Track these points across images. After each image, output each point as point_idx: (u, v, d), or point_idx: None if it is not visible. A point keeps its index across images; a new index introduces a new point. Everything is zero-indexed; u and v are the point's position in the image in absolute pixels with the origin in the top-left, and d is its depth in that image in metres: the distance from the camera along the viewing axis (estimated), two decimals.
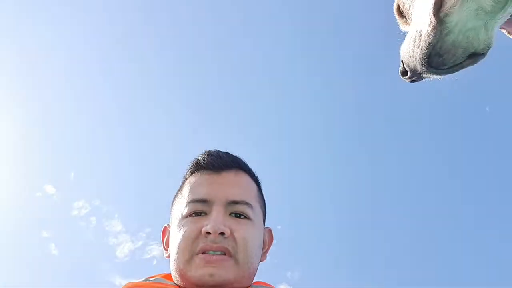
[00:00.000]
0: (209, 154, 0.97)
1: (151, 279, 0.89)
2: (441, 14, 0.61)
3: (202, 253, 0.82)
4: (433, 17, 0.61)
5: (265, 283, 0.91)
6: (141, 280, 0.88)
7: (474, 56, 0.62)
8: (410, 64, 0.65)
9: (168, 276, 0.89)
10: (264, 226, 0.96)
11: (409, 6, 0.71)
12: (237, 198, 0.89)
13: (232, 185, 0.91)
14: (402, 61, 0.68)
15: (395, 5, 0.77)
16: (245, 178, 0.95)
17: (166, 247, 0.96)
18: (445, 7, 0.61)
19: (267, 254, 0.97)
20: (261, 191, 0.98)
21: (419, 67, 0.64)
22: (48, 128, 6.84)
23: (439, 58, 0.62)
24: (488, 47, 0.62)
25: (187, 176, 0.97)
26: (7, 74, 6.32)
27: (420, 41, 0.63)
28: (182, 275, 0.84)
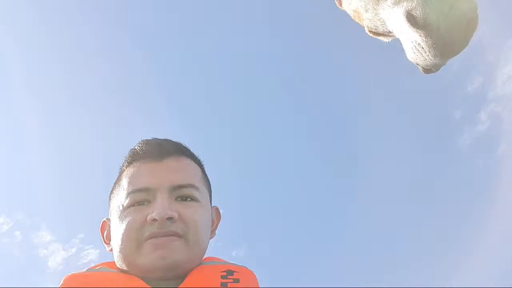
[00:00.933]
0: (147, 143, 0.94)
1: (94, 269, 0.85)
2: (420, 22, 0.67)
3: (150, 238, 0.80)
4: (417, 30, 0.67)
5: (215, 258, 0.91)
6: (83, 270, 0.84)
7: (472, 22, 0.67)
8: (430, 65, 0.72)
9: (112, 264, 0.86)
10: (211, 205, 0.96)
11: (383, 27, 0.78)
12: (182, 182, 0.87)
13: (175, 170, 0.89)
14: (418, 65, 0.74)
15: (367, 31, 0.84)
16: (188, 162, 0.94)
17: (107, 241, 0.92)
18: (417, 15, 0.67)
19: (216, 231, 0.97)
20: (205, 173, 0.98)
21: (439, 62, 0.71)
22: None
23: (451, 46, 0.68)
24: (475, 9, 0.67)
25: (124, 168, 0.94)
26: None
27: (423, 48, 0.69)
28: (130, 263, 0.82)
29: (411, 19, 0.68)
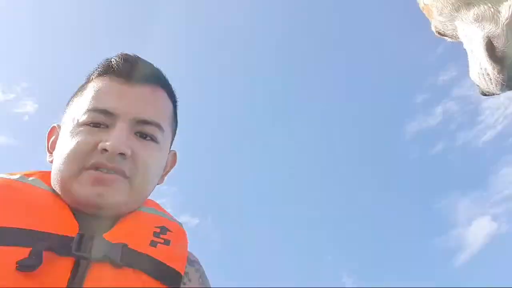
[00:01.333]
0: (125, 59, 0.83)
1: (28, 178, 0.77)
2: (498, 54, 0.65)
3: (94, 169, 0.73)
4: (493, 64, 0.66)
5: (154, 203, 0.87)
6: (16, 176, 0.77)
7: None
8: (490, 93, 0.73)
9: (47, 178, 0.79)
10: (170, 149, 0.89)
11: (453, 31, 0.77)
12: (148, 118, 0.79)
13: (145, 102, 0.80)
14: (478, 86, 0.75)
15: (433, 29, 0.83)
16: (162, 96, 0.84)
17: (50, 149, 0.84)
18: (498, 45, 0.65)
19: (165, 177, 0.91)
20: (176, 112, 0.89)
21: (499, 92, 0.72)
22: None
23: None
24: None
25: (93, 77, 0.84)
26: None
27: (491, 80, 0.69)
28: (64, 188, 0.75)
29: (489, 48, 0.66)
